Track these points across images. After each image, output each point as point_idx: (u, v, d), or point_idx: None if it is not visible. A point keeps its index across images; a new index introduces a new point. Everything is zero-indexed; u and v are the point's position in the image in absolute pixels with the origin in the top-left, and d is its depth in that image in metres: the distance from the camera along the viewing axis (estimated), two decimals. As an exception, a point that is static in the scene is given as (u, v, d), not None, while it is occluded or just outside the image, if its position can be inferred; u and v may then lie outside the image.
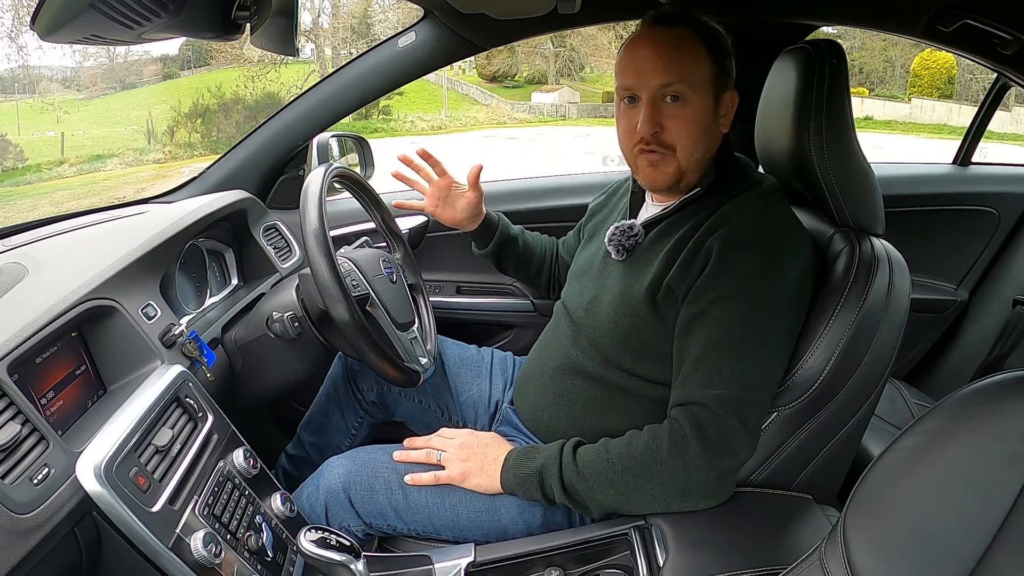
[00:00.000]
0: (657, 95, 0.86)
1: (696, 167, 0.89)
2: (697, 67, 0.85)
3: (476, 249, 1.25)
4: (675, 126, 0.86)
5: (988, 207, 1.62)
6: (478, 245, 1.23)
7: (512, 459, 0.88)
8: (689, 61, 0.85)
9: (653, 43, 0.86)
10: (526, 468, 0.86)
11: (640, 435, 0.84)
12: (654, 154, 0.88)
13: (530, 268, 1.26)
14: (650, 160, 0.89)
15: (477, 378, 1.17)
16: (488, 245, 1.21)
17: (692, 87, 0.85)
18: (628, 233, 0.93)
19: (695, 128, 0.86)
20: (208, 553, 0.66)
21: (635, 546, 0.82)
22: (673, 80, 0.84)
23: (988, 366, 1.58)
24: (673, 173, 0.89)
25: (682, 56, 0.85)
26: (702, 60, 0.85)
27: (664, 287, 0.86)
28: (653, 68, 0.85)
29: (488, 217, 1.20)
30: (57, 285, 0.75)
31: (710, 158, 0.90)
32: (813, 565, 0.58)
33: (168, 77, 21.07)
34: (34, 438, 0.62)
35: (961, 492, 0.51)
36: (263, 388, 1.03)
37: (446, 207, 1.17)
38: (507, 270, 1.28)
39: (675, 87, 0.85)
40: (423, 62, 1.28)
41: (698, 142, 0.87)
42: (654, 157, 0.88)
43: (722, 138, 0.91)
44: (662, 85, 0.85)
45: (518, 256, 1.24)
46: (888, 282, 0.85)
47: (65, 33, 0.57)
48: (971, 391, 0.56)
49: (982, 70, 7.90)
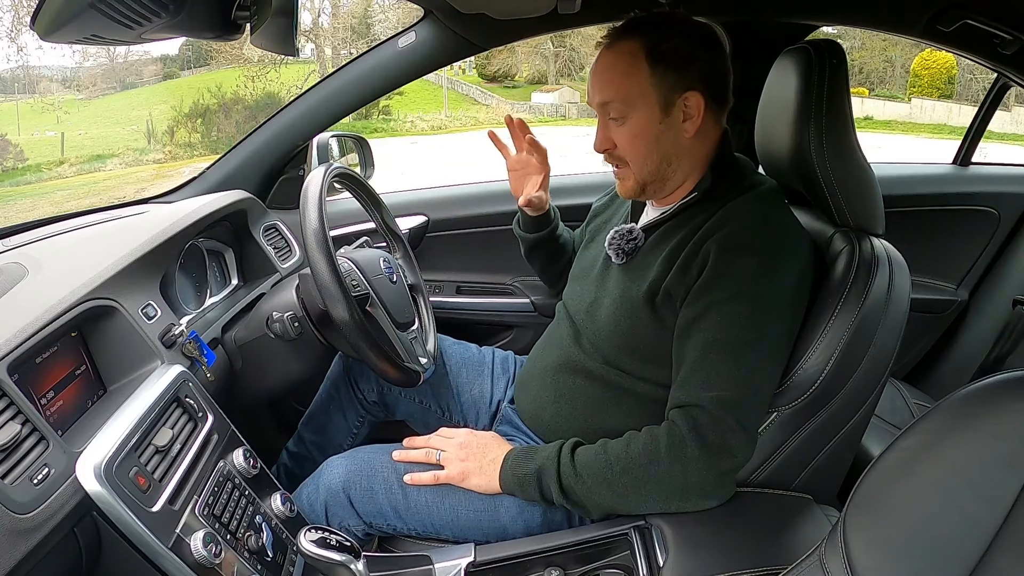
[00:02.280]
0: (603, 114, 0.89)
1: (656, 177, 0.89)
2: (631, 82, 0.85)
3: (518, 229, 1.22)
4: (621, 143, 0.89)
5: (988, 207, 1.62)
6: (524, 229, 1.21)
7: (511, 459, 0.88)
8: (622, 78, 0.85)
9: (598, 62, 0.88)
10: (524, 469, 0.86)
11: (638, 436, 0.84)
12: (616, 167, 0.92)
13: (556, 266, 1.25)
14: (615, 173, 0.93)
15: (478, 377, 1.17)
16: (533, 234, 1.20)
17: (627, 104, 0.86)
18: (628, 237, 0.94)
19: (640, 143, 0.87)
20: (208, 553, 0.66)
21: (635, 546, 0.82)
22: (607, 100, 0.87)
23: (988, 366, 1.58)
24: (632, 186, 0.91)
25: (614, 74, 0.86)
26: (637, 73, 0.84)
27: (663, 290, 0.86)
28: (594, 88, 0.89)
29: (548, 211, 1.18)
30: (57, 285, 0.75)
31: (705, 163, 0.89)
32: (813, 565, 0.58)
33: (168, 77, 21.08)
34: (34, 438, 0.62)
35: (961, 492, 0.51)
36: (263, 388, 1.03)
37: (519, 179, 1.17)
38: (532, 262, 1.27)
39: (611, 107, 0.87)
40: (423, 62, 1.28)
41: (648, 155, 0.88)
42: (616, 171, 0.93)
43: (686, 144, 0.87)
44: (601, 106, 0.88)
45: (551, 255, 1.23)
46: (888, 282, 0.85)
47: (65, 33, 0.57)
48: (971, 391, 0.56)
49: (982, 70, 7.89)
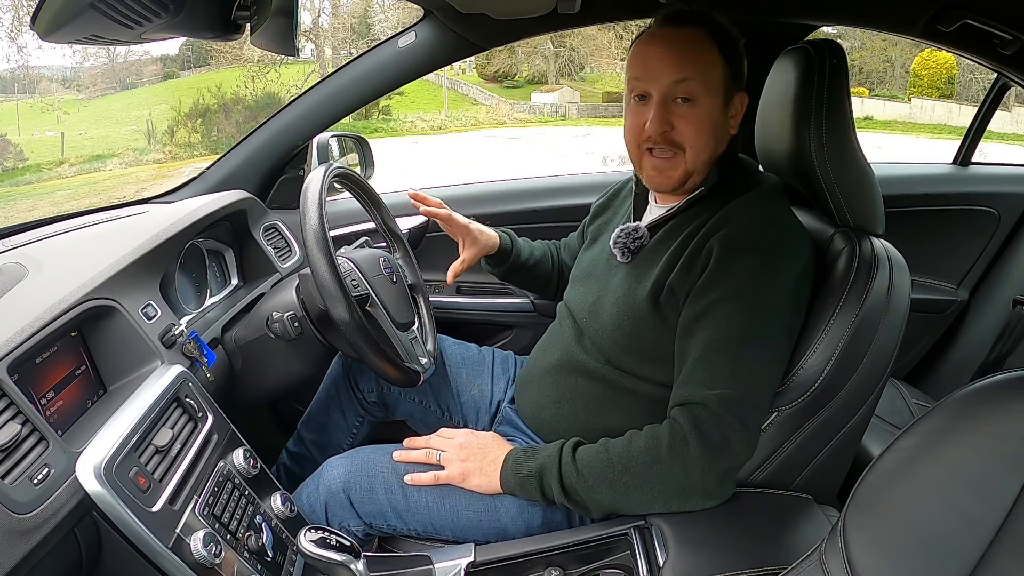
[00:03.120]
0: (668, 94, 0.85)
1: (702, 168, 0.89)
2: (709, 68, 0.85)
3: (485, 266, 1.22)
4: (684, 126, 0.86)
5: (988, 207, 1.62)
6: (488, 265, 1.22)
7: (511, 459, 0.88)
8: (702, 62, 0.85)
9: (666, 42, 0.85)
10: (525, 468, 0.86)
11: (639, 435, 0.84)
12: (662, 154, 0.88)
13: (537, 283, 1.26)
14: (655, 164, 0.89)
15: (478, 377, 1.17)
16: (497, 268, 1.20)
17: (704, 88, 0.85)
18: (633, 236, 0.93)
19: (704, 129, 0.86)
20: (208, 553, 0.66)
21: (635, 546, 0.82)
22: (686, 77, 0.84)
23: (988, 366, 1.58)
24: (680, 175, 0.89)
25: (695, 57, 0.84)
26: (714, 61, 0.85)
27: (666, 288, 0.86)
28: (666, 67, 0.85)
29: (500, 246, 1.17)
30: (57, 285, 0.75)
31: (715, 159, 0.90)
32: (813, 565, 0.58)
33: (168, 77, 21.06)
34: (34, 438, 0.62)
35: (961, 492, 0.51)
36: (263, 388, 1.03)
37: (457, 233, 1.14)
38: (513, 284, 1.30)
39: (687, 87, 0.84)
40: (423, 62, 1.28)
41: (707, 143, 0.87)
42: (661, 162, 0.89)
43: (728, 139, 0.91)
44: (674, 84, 0.85)
45: (526, 277, 1.24)
46: (888, 282, 0.85)
47: (65, 33, 0.57)
48: (971, 391, 0.56)
49: (982, 70, 7.89)
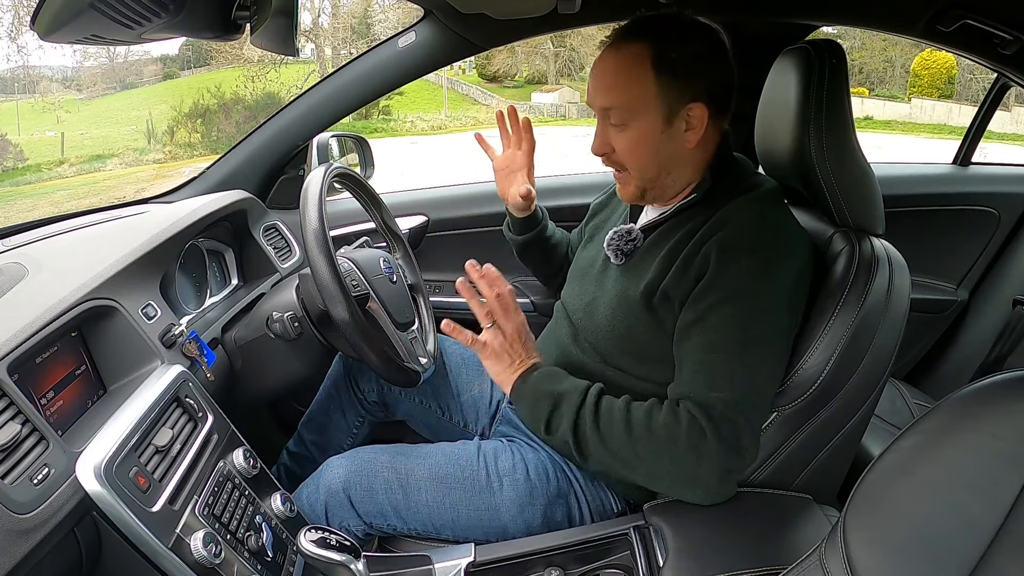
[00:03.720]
0: (603, 118, 0.87)
1: (656, 184, 0.89)
2: (634, 89, 0.83)
3: (508, 232, 1.22)
4: (621, 149, 0.87)
5: (988, 207, 1.62)
6: (513, 231, 1.21)
7: (536, 373, 0.88)
8: (628, 84, 0.83)
9: (600, 65, 0.86)
10: (547, 387, 0.86)
11: (661, 410, 0.82)
12: (616, 172, 0.91)
13: (551, 266, 1.25)
14: (615, 176, 0.92)
15: (478, 377, 1.17)
16: (523, 235, 1.20)
17: (630, 111, 0.84)
18: (627, 237, 0.93)
19: (641, 151, 0.86)
20: (208, 553, 0.66)
21: (635, 546, 0.82)
22: (610, 105, 0.85)
23: (988, 366, 1.58)
24: (633, 190, 0.90)
25: (620, 79, 0.84)
26: (643, 81, 0.83)
27: (660, 291, 0.85)
28: (596, 92, 0.87)
29: (535, 211, 1.18)
30: (57, 285, 0.75)
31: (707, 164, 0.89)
32: (813, 565, 0.58)
33: (168, 77, 21.08)
34: (34, 438, 0.62)
35: (961, 492, 0.51)
36: (263, 388, 1.03)
37: (504, 178, 1.16)
38: (526, 263, 1.27)
39: (613, 113, 0.85)
40: (423, 62, 1.28)
41: (649, 163, 0.87)
42: (616, 175, 0.92)
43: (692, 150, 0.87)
44: (602, 110, 0.87)
45: (543, 255, 1.23)
46: (888, 282, 0.85)
47: (65, 33, 0.57)
48: (971, 391, 0.56)
49: (982, 70, 7.89)
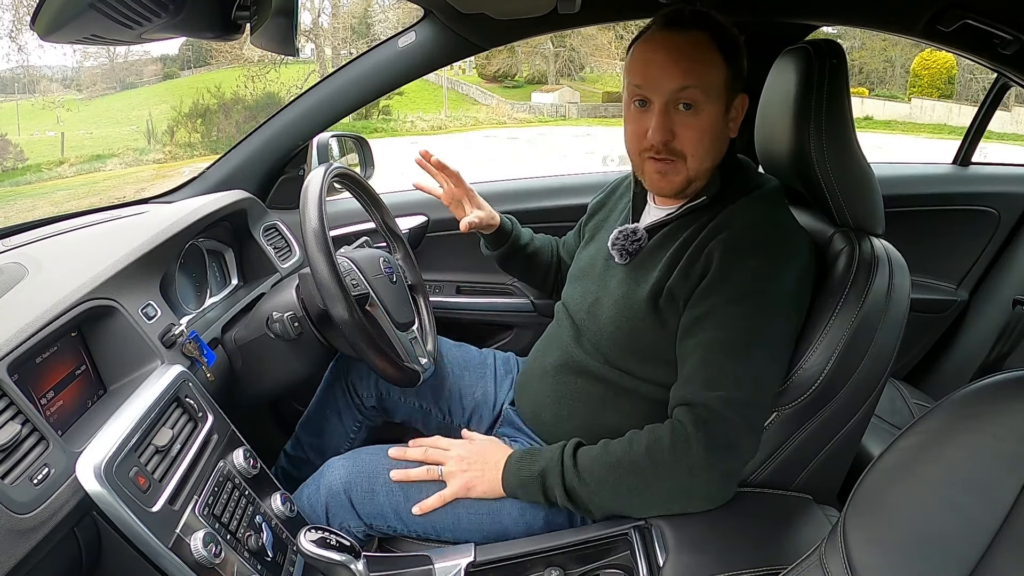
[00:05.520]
0: (670, 102, 0.83)
1: (704, 174, 0.88)
2: (711, 74, 0.83)
3: (484, 249, 1.24)
4: (687, 135, 0.84)
5: (988, 207, 1.62)
6: (487, 247, 1.23)
7: (513, 462, 0.88)
8: (704, 67, 0.82)
9: (668, 47, 0.83)
10: (528, 471, 0.86)
11: (640, 436, 0.83)
12: (664, 162, 0.87)
13: (536, 273, 1.26)
14: (658, 168, 0.88)
15: (481, 380, 1.16)
16: (497, 250, 1.21)
17: (706, 95, 0.83)
18: (632, 237, 0.93)
19: (707, 137, 0.85)
20: (208, 553, 0.66)
21: (635, 546, 0.82)
22: (688, 85, 0.82)
23: (988, 366, 1.58)
24: (681, 182, 0.88)
25: (697, 62, 0.82)
26: (717, 66, 0.83)
27: (666, 291, 0.86)
28: (668, 74, 0.82)
29: (501, 225, 1.18)
30: (57, 285, 0.75)
31: (718, 165, 0.89)
32: (813, 565, 0.58)
33: (168, 77, 21.05)
34: (34, 438, 0.62)
35: (961, 492, 0.51)
36: (263, 388, 1.03)
37: (456, 210, 1.17)
38: (512, 273, 1.28)
39: (689, 94, 0.82)
40: (423, 62, 1.27)
41: (709, 150, 0.86)
42: (663, 165, 0.87)
43: (728, 143, 0.90)
44: (676, 92, 0.83)
45: (525, 264, 1.24)
46: (888, 282, 0.85)
47: (65, 33, 0.57)
48: (971, 391, 0.56)
49: (982, 70, 7.89)
